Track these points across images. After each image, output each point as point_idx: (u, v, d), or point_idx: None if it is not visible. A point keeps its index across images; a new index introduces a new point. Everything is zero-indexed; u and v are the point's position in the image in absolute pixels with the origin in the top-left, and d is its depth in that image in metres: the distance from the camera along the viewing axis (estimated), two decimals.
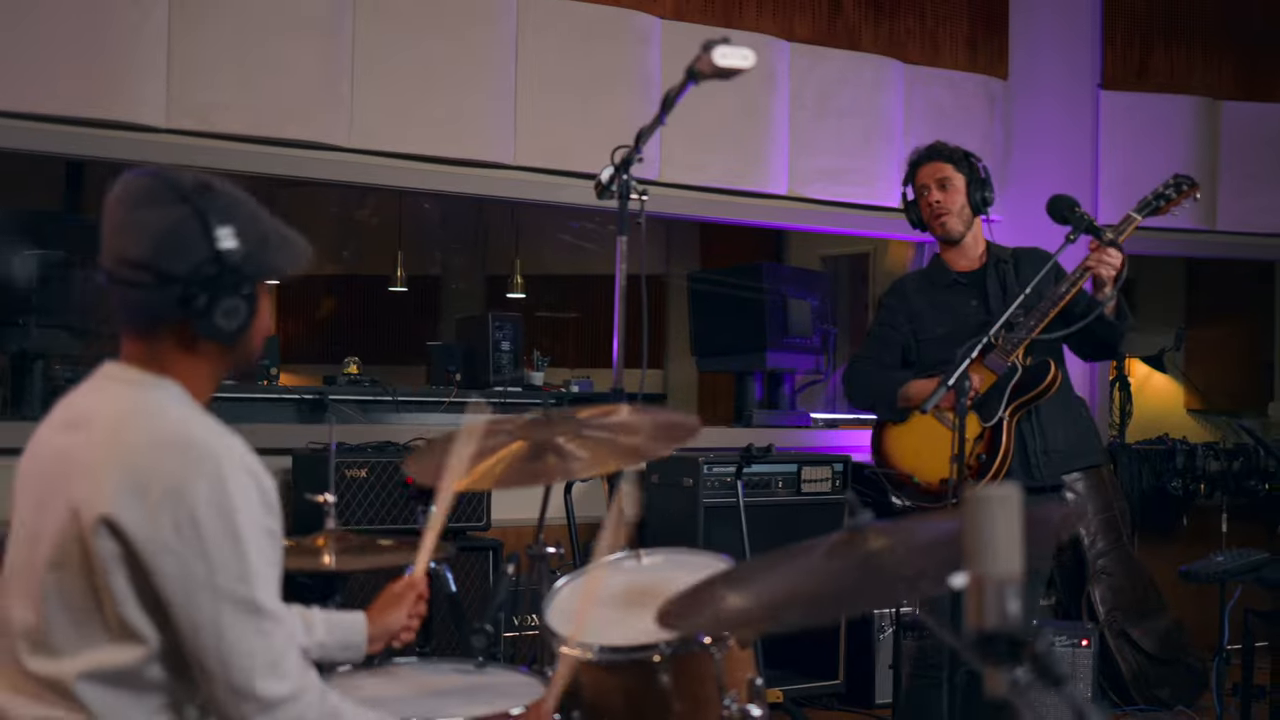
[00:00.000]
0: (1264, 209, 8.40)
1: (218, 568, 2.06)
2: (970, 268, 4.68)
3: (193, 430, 2.14)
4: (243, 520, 2.09)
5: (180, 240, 2.15)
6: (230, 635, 2.07)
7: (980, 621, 1.55)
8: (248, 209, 2.24)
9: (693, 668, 2.74)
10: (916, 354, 4.71)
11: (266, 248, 2.25)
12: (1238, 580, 5.44)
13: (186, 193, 2.18)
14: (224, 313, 2.18)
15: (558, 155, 6.37)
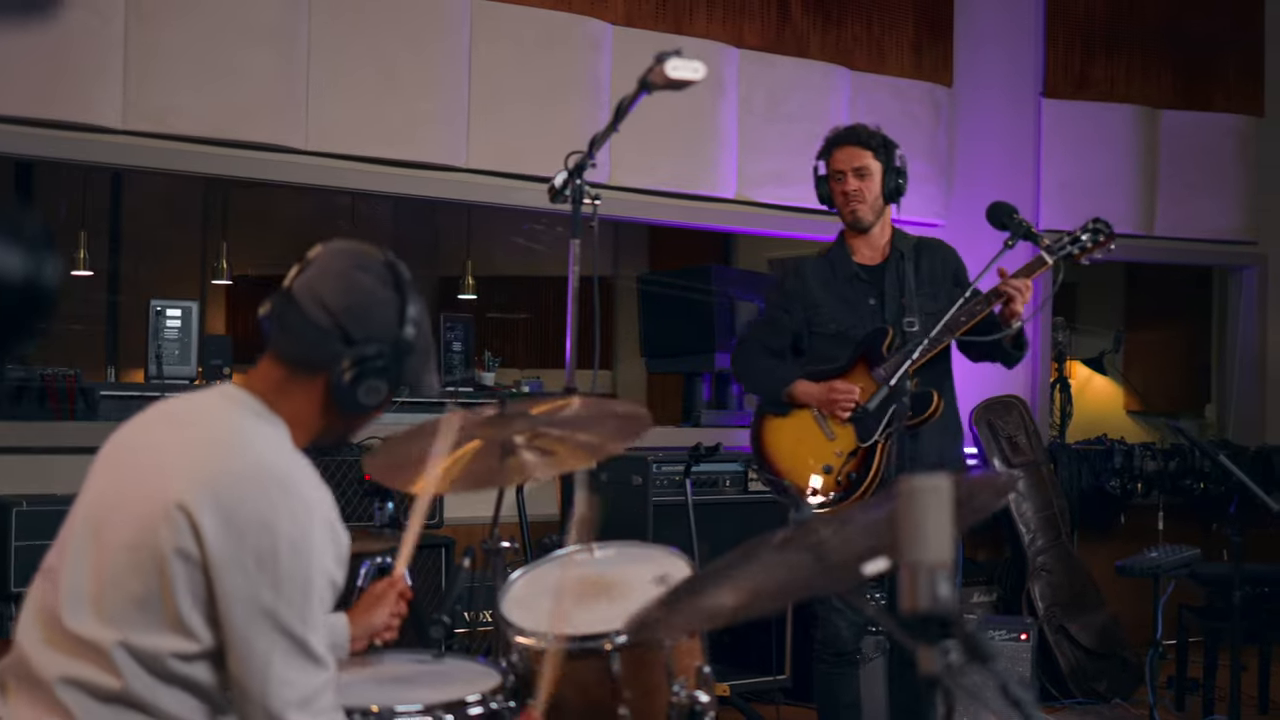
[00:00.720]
0: (1201, 215, 8.61)
1: (284, 602, 2.19)
2: (873, 260, 4.71)
3: (294, 473, 2.27)
4: (316, 568, 2.23)
5: (377, 314, 2.35)
6: (278, 665, 2.19)
7: (913, 604, 1.67)
8: (425, 324, 2.45)
9: (643, 656, 2.85)
10: (808, 343, 4.75)
11: (424, 364, 2.45)
12: (1171, 575, 5.61)
13: (401, 284, 2.39)
14: (367, 390, 2.34)
15: (510, 158, 6.44)
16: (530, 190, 6.33)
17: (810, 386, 4.58)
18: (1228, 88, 8.71)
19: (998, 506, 2.25)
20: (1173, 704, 6.46)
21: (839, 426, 4.51)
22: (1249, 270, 8.98)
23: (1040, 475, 7.25)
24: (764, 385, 4.76)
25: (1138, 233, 8.41)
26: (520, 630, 2.96)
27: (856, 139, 4.67)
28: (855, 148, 4.64)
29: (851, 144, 4.66)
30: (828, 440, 4.53)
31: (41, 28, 5.38)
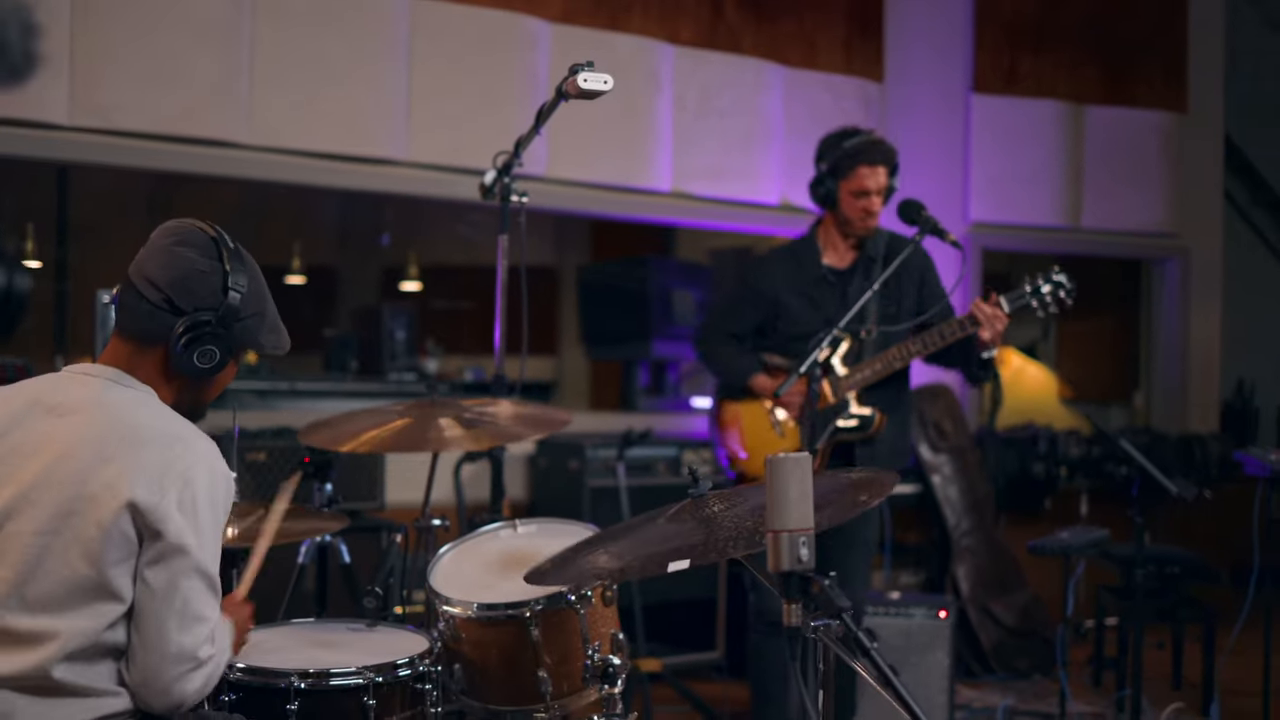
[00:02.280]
0: (1127, 209, 8.87)
1: (203, 545, 2.42)
2: (842, 264, 4.83)
3: (185, 429, 2.51)
4: (221, 513, 2.47)
5: (201, 284, 2.54)
6: (195, 604, 2.41)
7: (778, 565, 1.88)
8: (260, 287, 2.65)
9: (560, 622, 3.06)
10: (771, 335, 4.88)
11: (260, 324, 2.65)
12: (1080, 555, 5.81)
13: (223, 255, 2.57)
14: (200, 354, 2.53)
15: (450, 152, 6.59)
16: (470, 183, 6.46)
17: (764, 384, 4.76)
18: (1152, 85, 8.97)
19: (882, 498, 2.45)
20: (1090, 681, 6.71)
21: (788, 425, 4.70)
22: (1171, 262, 9.25)
23: (966, 460, 7.47)
24: (727, 373, 4.92)
25: (1065, 225, 8.66)
26: (447, 600, 3.15)
27: (888, 158, 4.74)
28: (883, 167, 4.72)
29: (883, 164, 4.72)
30: (778, 437, 4.71)
31: None
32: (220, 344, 2.53)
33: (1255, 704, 5.51)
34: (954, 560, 7.18)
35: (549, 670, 3.06)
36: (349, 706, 2.87)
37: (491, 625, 3.10)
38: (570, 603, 3.05)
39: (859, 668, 2.08)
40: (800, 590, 1.87)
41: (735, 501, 2.49)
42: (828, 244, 4.86)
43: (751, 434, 4.80)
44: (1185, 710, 5.94)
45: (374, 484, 5.70)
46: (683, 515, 2.52)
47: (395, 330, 7.64)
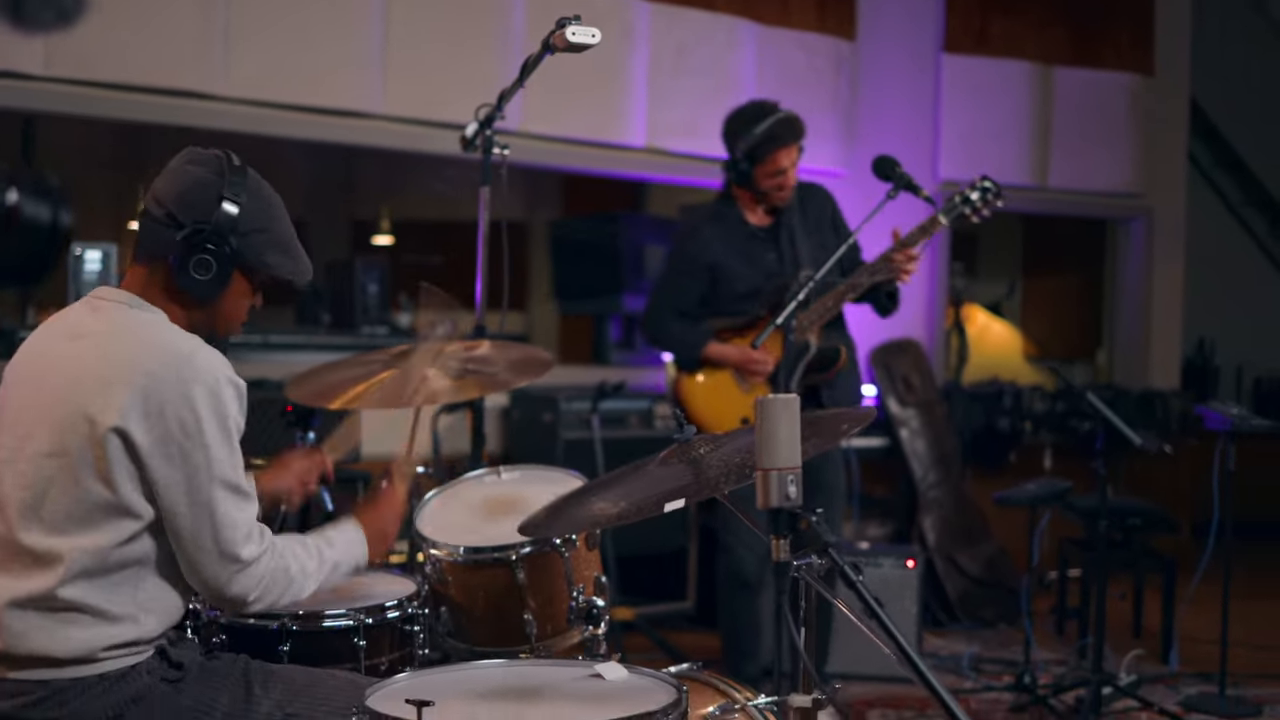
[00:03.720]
0: (1093, 169, 8.97)
1: (215, 458, 2.46)
2: (763, 221, 4.97)
3: (188, 343, 2.52)
4: (231, 420, 2.50)
5: (197, 197, 2.56)
6: (221, 511, 2.48)
7: (767, 501, 1.96)
8: (267, 204, 2.66)
9: (545, 566, 3.13)
10: (714, 300, 4.98)
11: (266, 241, 2.64)
12: (1045, 505, 5.94)
13: (224, 169, 2.60)
14: (197, 265, 2.55)
15: (426, 105, 6.61)
16: (445, 136, 6.49)
17: (726, 349, 4.84)
18: (1119, 47, 9.06)
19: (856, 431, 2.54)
20: (1053, 629, 6.85)
21: (755, 381, 4.78)
22: (1136, 222, 9.37)
23: (933, 414, 7.58)
24: (678, 349, 4.99)
25: (1032, 185, 8.76)
26: (434, 544, 3.22)
27: (796, 136, 4.84)
28: (795, 145, 4.84)
29: (793, 142, 4.83)
30: (744, 394, 4.80)
31: None
32: (217, 255, 2.55)
33: (1213, 651, 5.64)
34: (921, 512, 7.29)
35: (534, 612, 3.13)
36: (340, 647, 2.93)
37: (477, 568, 3.17)
38: (555, 546, 3.12)
39: (840, 605, 2.16)
40: (789, 526, 1.95)
41: (721, 443, 2.57)
42: (745, 205, 4.97)
43: (717, 397, 4.87)
44: (1145, 657, 6.09)
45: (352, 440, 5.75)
46: (671, 460, 2.60)
47: (367, 284, 7.64)
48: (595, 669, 2.49)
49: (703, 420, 4.80)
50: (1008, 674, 5.85)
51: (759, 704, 2.89)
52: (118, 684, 2.48)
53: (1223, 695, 5.49)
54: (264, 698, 2.58)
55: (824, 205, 4.99)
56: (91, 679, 2.46)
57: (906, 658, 1.85)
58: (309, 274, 2.73)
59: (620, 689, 2.41)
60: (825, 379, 4.76)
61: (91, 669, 2.46)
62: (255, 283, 2.69)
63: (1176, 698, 5.53)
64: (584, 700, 2.36)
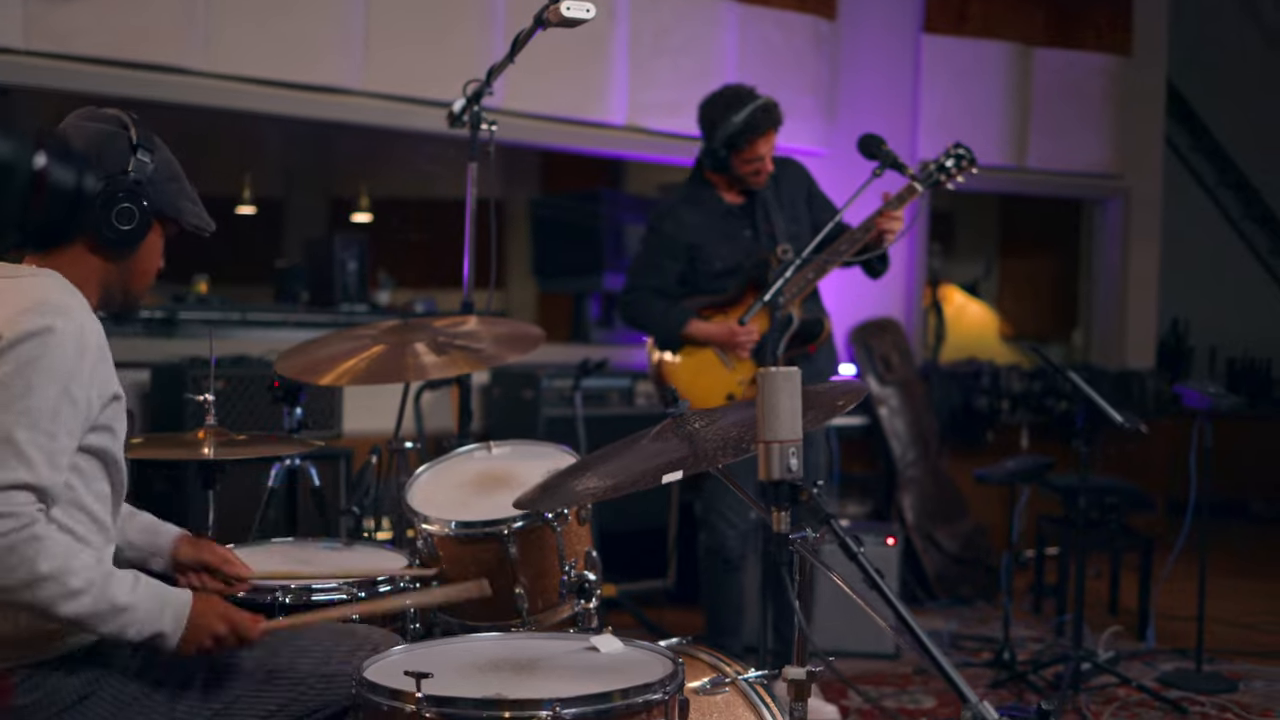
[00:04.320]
0: (1071, 150, 9.01)
1: (28, 394, 2.31)
2: (738, 198, 4.98)
3: (51, 295, 2.42)
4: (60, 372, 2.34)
5: (107, 149, 2.54)
6: None
7: (768, 474, 1.98)
8: (170, 158, 2.65)
9: (536, 540, 3.15)
10: (693, 280, 4.99)
11: (179, 191, 2.64)
12: (1025, 483, 5.98)
13: (127, 123, 2.59)
14: (118, 214, 2.52)
15: (407, 82, 6.60)
16: (426, 114, 6.49)
17: (709, 327, 4.83)
18: (1098, 28, 9.10)
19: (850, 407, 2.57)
20: (1031, 608, 6.90)
21: (739, 358, 4.79)
22: (1113, 202, 9.41)
23: (912, 393, 7.62)
24: (659, 330, 4.97)
25: (1010, 165, 8.79)
26: (425, 518, 3.23)
27: (774, 123, 4.84)
28: (774, 133, 4.85)
29: (771, 130, 4.84)
30: (728, 371, 4.81)
31: None
32: (136, 203, 2.53)
33: (1189, 628, 5.69)
34: (899, 490, 7.34)
35: (526, 587, 3.15)
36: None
37: (469, 543, 3.18)
38: (547, 520, 3.14)
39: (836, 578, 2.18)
40: (789, 499, 1.96)
41: (715, 418, 2.59)
42: (719, 184, 4.97)
43: (701, 376, 4.88)
44: (1123, 634, 6.14)
45: (332, 413, 5.77)
46: (665, 434, 2.62)
47: (347, 261, 7.61)
48: (590, 641, 2.51)
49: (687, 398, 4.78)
50: (986, 650, 5.89)
51: (750, 677, 2.91)
52: (84, 661, 2.46)
53: (1199, 670, 5.54)
54: (245, 656, 2.57)
55: (799, 179, 5.00)
56: (54, 661, 2.44)
57: (909, 629, 1.87)
58: (212, 225, 2.71)
59: (617, 661, 2.43)
60: (808, 351, 4.78)
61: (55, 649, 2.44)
62: (168, 235, 2.68)
63: (1154, 673, 5.57)
64: (582, 672, 2.38)
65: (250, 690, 2.55)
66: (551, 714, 2.11)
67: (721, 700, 2.86)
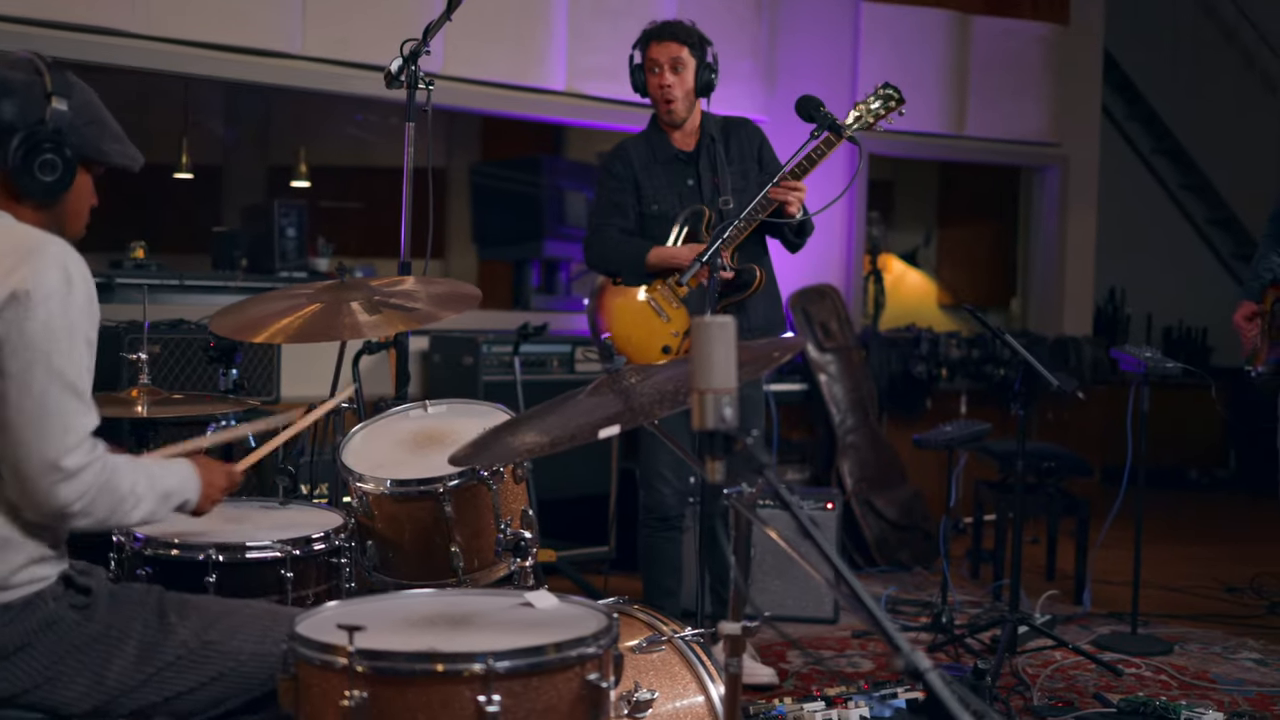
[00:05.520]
0: (1009, 117, 9.07)
1: (56, 352, 2.36)
2: (687, 145, 4.94)
3: (39, 237, 2.44)
4: (75, 317, 2.40)
5: (24, 98, 2.48)
6: (54, 410, 2.36)
7: (702, 423, 1.96)
8: (89, 98, 2.59)
9: (472, 498, 3.13)
10: (637, 224, 4.97)
11: (100, 133, 2.59)
12: (962, 448, 6.01)
13: (41, 68, 2.52)
14: (41, 166, 2.48)
15: (345, 46, 6.54)
16: (364, 78, 6.44)
17: (670, 250, 4.80)
18: None
19: (785, 360, 2.57)
20: (968, 573, 6.95)
21: (672, 309, 4.78)
22: (1051, 170, 9.48)
23: (851, 360, 7.64)
24: (625, 260, 4.90)
25: (949, 133, 8.83)
26: (359, 477, 3.21)
27: (674, 34, 4.85)
28: (672, 42, 4.83)
29: (669, 39, 4.84)
30: (664, 322, 4.79)
31: None
32: (59, 153, 2.49)
33: (1125, 592, 5.75)
34: (839, 456, 7.36)
35: (461, 546, 3.14)
36: (267, 579, 2.92)
37: (404, 501, 3.16)
38: (483, 479, 3.12)
39: (772, 533, 2.18)
40: (724, 449, 1.95)
41: (651, 373, 2.58)
42: (669, 131, 4.95)
43: (637, 328, 4.84)
44: (1059, 598, 6.19)
45: (270, 378, 5.72)
46: (602, 389, 2.61)
47: (286, 228, 7.56)
48: (525, 598, 2.50)
49: (628, 355, 4.76)
50: (925, 615, 5.93)
51: (686, 635, 2.92)
52: (22, 613, 2.43)
53: (1134, 633, 5.60)
54: (180, 626, 2.54)
55: (750, 139, 4.99)
56: None
57: (841, 577, 1.87)
58: (141, 160, 2.66)
59: (551, 616, 2.42)
60: (743, 299, 4.76)
61: None
62: (95, 175, 2.64)
63: (1090, 636, 5.62)
64: (515, 626, 2.37)
65: (184, 659, 2.53)
66: (485, 667, 2.10)
67: (658, 658, 2.87)
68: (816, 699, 4.28)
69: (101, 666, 2.48)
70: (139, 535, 2.92)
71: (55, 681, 2.45)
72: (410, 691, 2.13)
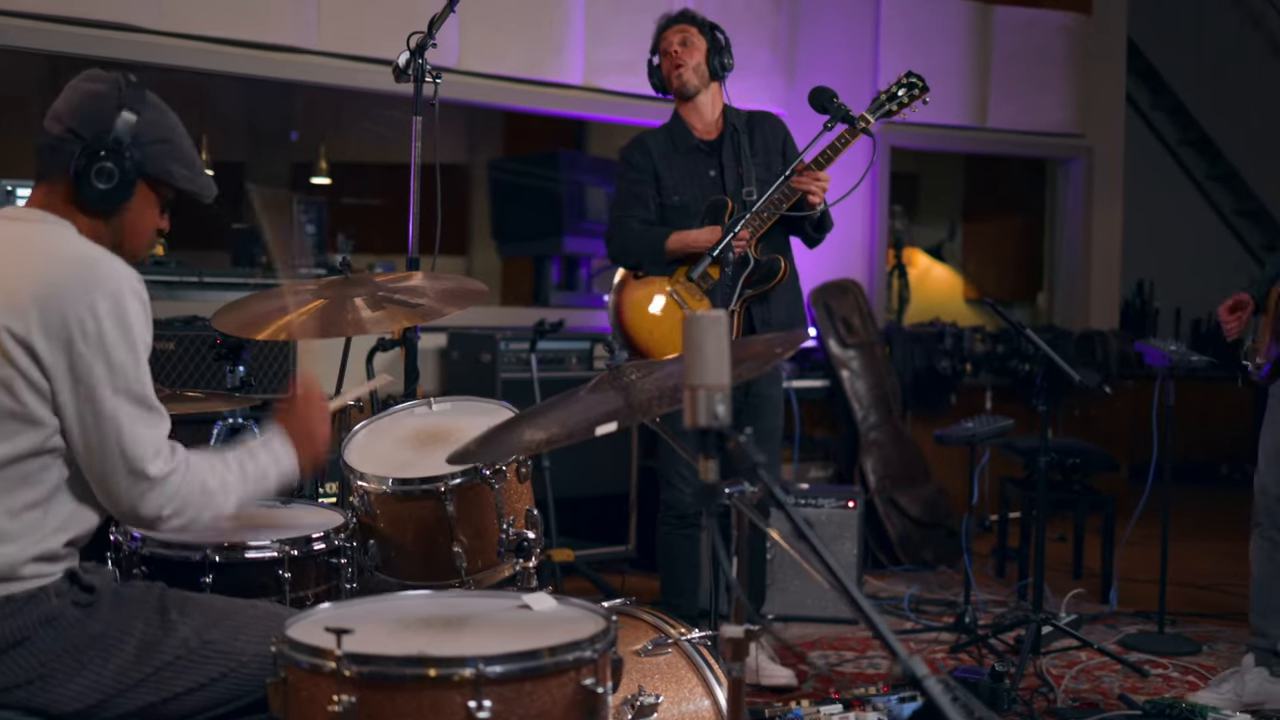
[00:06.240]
0: (1032, 109, 8.98)
1: (118, 368, 2.40)
2: (709, 135, 4.90)
3: (92, 252, 2.47)
4: (136, 331, 2.44)
5: (94, 109, 2.54)
6: (127, 425, 2.41)
7: (694, 421, 1.90)
8: (165, 120, 2.63)
9: (474, 497, 3.08)
10: (658, 216, 4.92)
11: (169, 151, 2.60)
12: (985, 444, 5.93)
13: (120, 84, 2.58)
14: (98, 174, 2.51)
15: (361, 41, 6.51)
16: (380, 73, 6.39)
17: (691, 233, 4.73)
18: None
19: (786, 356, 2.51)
20: (993, 570, 6.87)
21: (695, 301, 4.71)
22: (1076, 162, 9.37)
23: (874, 355, 7.56)
24: (646, 248, 4.84)
25: (971, 125, 8.74)
26: (361, 475, 3.15)
27: (682, 17, 4.91)
28: (679, 24, 4.88)
29: (676, 23, 4.89)
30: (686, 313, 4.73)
31: None
32: (118, 164, 2.52)
33: (1152, 590, 5.68)
34: (862, 453, 7.28)
35: (464, 546, 3.08)
36: (265, 579, 2.87)
37: (406, 500, 3.11)
38: (485, 478, 3.07)
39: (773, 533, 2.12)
40: (717, 447, 1.89)
41: (652, 369, 2.53)
42: (690, 121, 4.93)
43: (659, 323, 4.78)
44: (1085, 597, 6.11)
45: (284, 374, 5.69)
46: (602, 386, 2.56)
47: (305, 224, 7.55)
48: (523, 600, 2.44)
49: (641, 344, 4.73)
50: (948, 615, 5.86)
51: (693, 638, 2.86)
52: (25, 606, 2.41)
53: (1162, 633, 5.52)
54: (181, 624, 2.52)
55: (775, 132, 4.94)
56: None
57: (836, 579, 1.81)
58: (213, 191, 2.69)
59: (548, 619, 2.36)
60: (768, 290, 4.69)
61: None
62: (161, 197, 2.64)
63: (1116, 636, 5.55)
64: (509, 628, 2.31)
65: (184, 658, 2.51)
66: (475, 671, 2.04)
67: (664, 661, 2.81)
68: (834, 701, 4.22)
69: (99, 666, 2.45)
70: (136, 534, 2.88)
71: (48, 679, 2.42)
72: (400, 696, 2.08)
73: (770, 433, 4.92)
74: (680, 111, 4.96)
